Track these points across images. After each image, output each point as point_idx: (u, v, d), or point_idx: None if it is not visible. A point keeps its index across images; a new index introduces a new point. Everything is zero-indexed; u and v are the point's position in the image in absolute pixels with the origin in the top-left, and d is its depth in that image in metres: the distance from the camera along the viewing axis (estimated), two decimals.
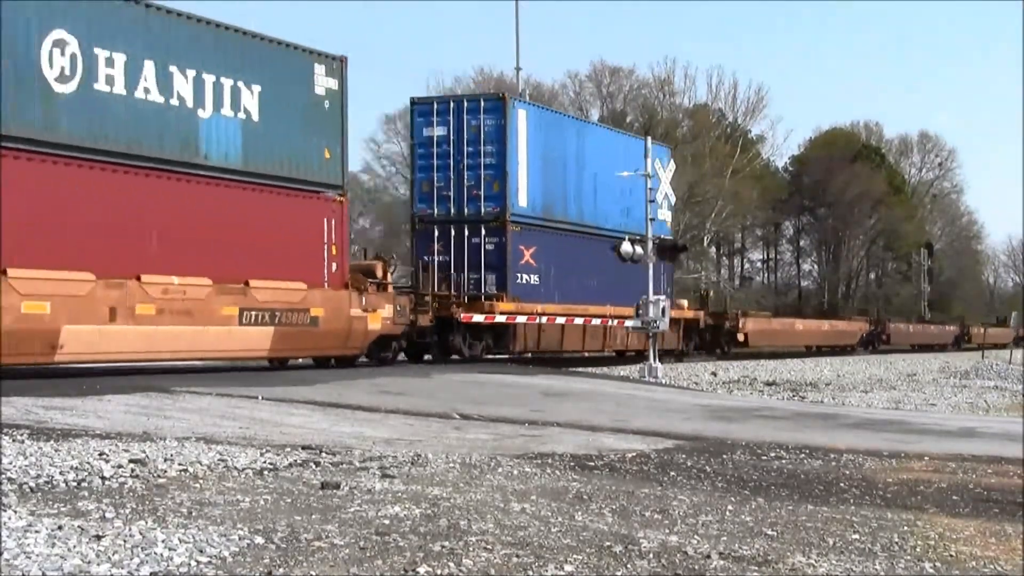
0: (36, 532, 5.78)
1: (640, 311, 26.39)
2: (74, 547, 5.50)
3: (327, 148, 21.82)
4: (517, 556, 5.81)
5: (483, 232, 26.75)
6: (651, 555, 6.01)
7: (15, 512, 6.31)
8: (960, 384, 30.70)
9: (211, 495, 7.21)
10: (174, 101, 18.98)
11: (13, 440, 9.44)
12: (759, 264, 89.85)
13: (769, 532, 6.83)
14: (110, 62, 17.93)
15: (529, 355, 27.80)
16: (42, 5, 17.02)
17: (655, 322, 26.22)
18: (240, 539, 5.86)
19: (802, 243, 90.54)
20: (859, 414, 17.94)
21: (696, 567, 5.80)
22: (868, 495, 8.59)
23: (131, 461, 8.43)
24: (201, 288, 19.13)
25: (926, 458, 11.04)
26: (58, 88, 17.13)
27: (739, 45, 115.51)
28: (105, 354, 18.17)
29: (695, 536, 6.58)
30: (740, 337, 40.12)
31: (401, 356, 24.99)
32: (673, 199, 34.63)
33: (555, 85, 75.10)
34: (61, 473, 7.74)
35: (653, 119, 74.17)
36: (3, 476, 7.53)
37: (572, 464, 9.64)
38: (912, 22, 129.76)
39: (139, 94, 18.41)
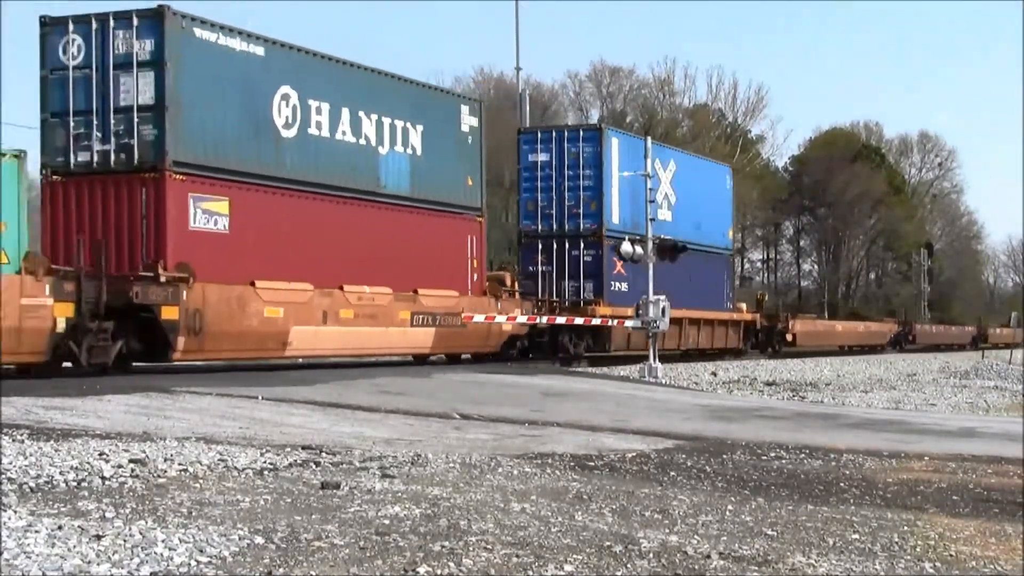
0: (36, 532, 5.78)
1: (640, 311, 26.41)
2: (74, 547, 5.50)
3: (469, 177, 26.32)
4: (517, 556, 5.81)
5: (581, 245, 30.41)
6: (651, 555, 6.01)
7: (15, 512, 6.32)
8: (960, 384, 30.69)
9: (211, 495, 7.21)
10: (362, 141, 23.28)
11: (13, 440, 9.44)
12: (759, 264, 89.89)
13: (769, 532, 6.83)
14: (319, 110, 22.21)
15: (621, 353, 30.72)
16: (274, 65, 21.32)
17: (655, 322, 26.24)
18: (240, 539, 5.86)
19: (802, 243, 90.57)
20: (859, 414, 17.94)
21: (696, 567, 5.80)
22: (868, 495, 8.59)
23: (131, 461, 8.43)
24: (384, 296, 23.23)
25: (926, 458, 11.04)
26: (284, 133, 21.43)
27: (739, 45, 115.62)
28: (319, 351, 22.90)
29: (695, 536, 6.58)
30: (789, 337, 43.46)
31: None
32: (673, 199, 34.67)
33: (555, 85, 75.24)
34: (61, 473, 7.75)
35: (653, 119, 74.21)
36: (3, 476, 7.53)
37: (572, 464, 9.64)
38: (912, 22, 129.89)
39: (338, 136, 22.75)
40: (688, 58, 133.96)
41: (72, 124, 19.58)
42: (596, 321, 28.63)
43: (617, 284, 30.92)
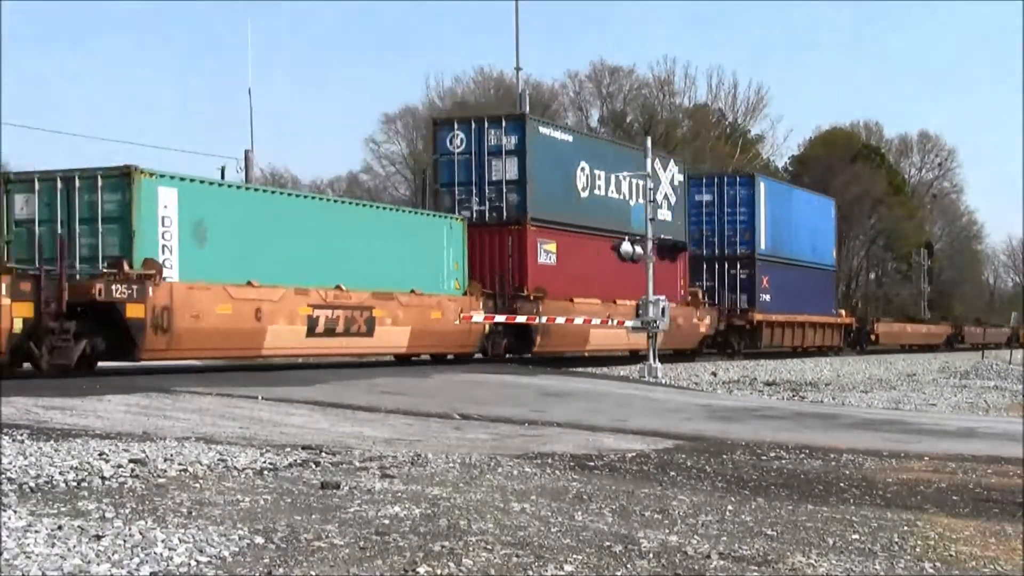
0: (36, 532, 5.78)
1: (640, 311, 26.42)
2: (74, 547, 5.50)
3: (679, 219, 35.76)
4: (517, 556, 5.81)
5: (738, 266, 40.28)
6: (651, 555, 6.01)
7: (15, 512, 6.31)
8: (960, 384, 30.69)
9: (211, 495, 7.21)
10: (619, 196, 31.92)
11: (13, 440, 9.44)
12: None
13: (769, 532, 6.83)
14: (598, 176, 31.06)
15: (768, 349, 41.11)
16: (577, 147, 30.81)
17: (655, 322, 26.24)
18: (240, 539, 5.86)
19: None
20: (859, 414, 17.93)
21: (696, 567, 5.80)
22: (868, 495, 8.59)
23: (131, 461, 8.43)
24: (625, 306, 29.65)
25: (926, 458, 11.04)
26: (582, 195, 30.44)
27: (739, 45, 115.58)
28: (607, 346, 31.39)
29: (695, 536, 6.58)
30: (873, 336, 54.17)
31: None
32: (673, 199, 34.80)
33: (555, 85, 75.18)
34: (61, 473, 7.74)
35: (653, 119, 74.19)
36: (3, 476, 7.53)
37: (572, 464, 9.64)
38: (912, 22, 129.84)
39: (611, 194, 31.71)
40: (688, 58, 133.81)
41: (457, 192, 28.43)
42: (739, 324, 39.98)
43: (763, 296, 40.65)
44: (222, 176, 32.03)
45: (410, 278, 24.80)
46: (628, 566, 5.74)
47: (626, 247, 26.99)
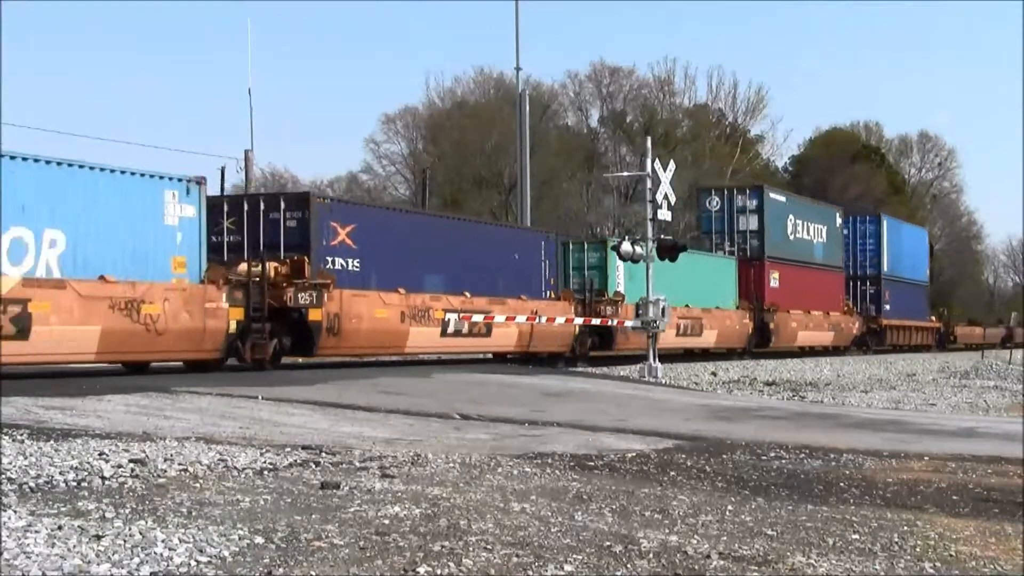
0: (36, 532, 5.78)
1: (640, 311, 26.41)
2: (74, 547, 5.50)
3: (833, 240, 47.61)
4: (517, 556, 5.81)
5: (868, 283, 52.09)
6: (651, 555, 6.01)
7: (15, 512, 6.31)
8: (960, 384, 30.68)
9: (211, 495, 7.21)
10: (809, 238, 44.29)
11: (13, 440, 9.44)
12: None
13: (769, 532, 6.83)
14: (799, 224, 43.99)
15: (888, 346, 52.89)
16: (788, 205, 42.90)
17: (655, 322, 26.23)
18: (240, 539, 5.86)
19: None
20: (859, 414, 17.93)
21: (696, 567, 5.80)
22: (868, 495, 8.59)
23: (131, 461, 8.43)
24: (820, 317, 43.31)
25: (926, 458, 11.04)
26: (790, 238, 42.47)
27: (739, 45, 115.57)
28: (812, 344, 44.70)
29: (695, 536, 6.58)
30: (952, 337, 65.55)
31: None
32: (673, 199, 34.82)
33: (555, 85, 75.17)
34: (61, 473, 7.74)
35: (653, 119, 74.17)
36: (3, 476, 7.53)
37: (572, 464, 9.64)
38: (912, 22, 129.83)
39: (805, 236, 44.60)
40: (688, 58, 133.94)
41: (713, 237, 41.83)
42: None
43: (886, 306, 52.65)
44: (222, 177, 32.16)
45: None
46: (628, 566, 5.75)
47: (626, 247, 26.96)
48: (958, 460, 10.91)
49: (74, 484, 7.41)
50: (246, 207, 22.86)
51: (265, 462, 8.85)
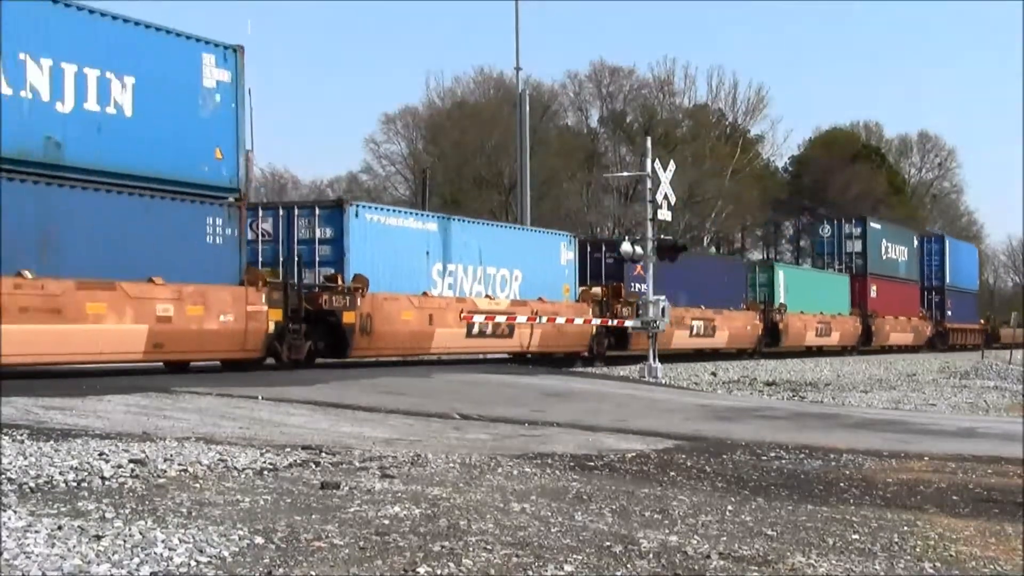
0: (36, 532, 5.77)
1: (640, 311, 26.42)
2: (74, 547, 5.50)
3: None
4: (517, 556, 5.81)
5: (934, 292, 60.89)
6: (651, 555, 6.01)
7: (15, 512, 6.31)
8: (960, 384, 30.68)
9: (211, 495, 7.21)
10: (896, 257, 56.86)
11: (13, 440, 9.43)
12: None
13: (769, 532, 6.83)
14: (891, 247, 54.80)
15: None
16: (882, 232, 52.50)
17: (655, 322, 26.24)
18: (240, 539, 5.86)
19: (802, 243, 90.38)
20: (859, 414, 17.93)
21: (696, 567, 5.80)
22: (868, 495, 8.59)
23: (131, 461, 8.42)
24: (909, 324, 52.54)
25: (926, 458, 11.04)
26: (883, 258, 52.73)
27: (739, 45, 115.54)
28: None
29: (695, 536, 6.58)
30: (996, 338, 69.86)
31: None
32: (673, 199, 34.85)
33: (555, 85, 75.16)
34: (61, 473, 7.74)
35: (653, 119, 74.17)
36: (3, 476, 7.53)
37: (572, 464, 9.64)
38: (912, 22, 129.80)
39: (893, 257, 56.97)
40: (688, 58, 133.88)
41: (825, 258, 51.85)
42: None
43: (948, 312, 61.17)
44: None
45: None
46: (628, 566, 5.75)
47: (626, 247, 27.01)
48: (958, 460, 10.91)
49: (74, 484, 7.40)
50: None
51: (265, 462, 8.84)
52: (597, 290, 32.59)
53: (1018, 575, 6.11)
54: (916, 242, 60.07)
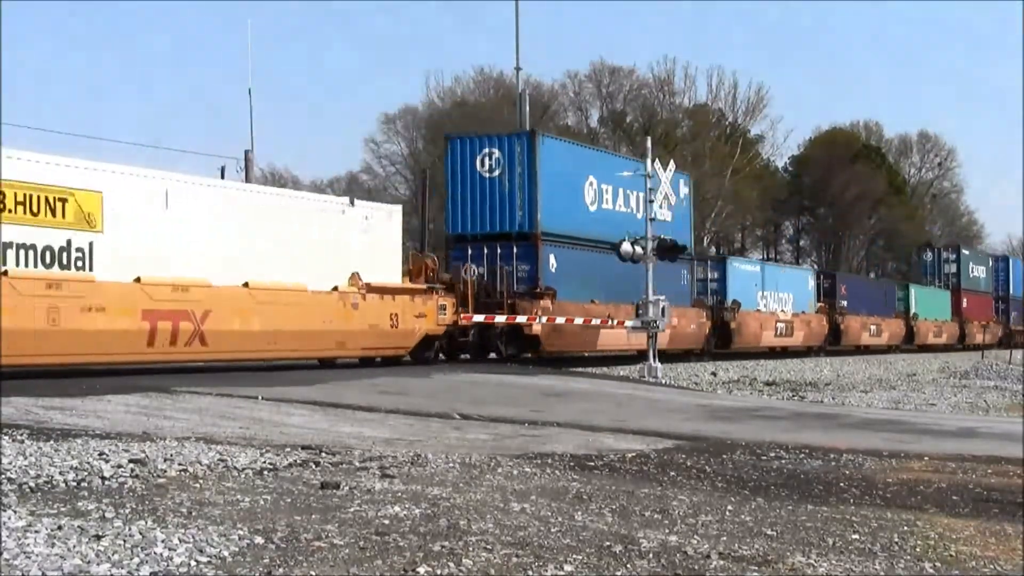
0: (36, 532, 5.77)
1: (640, 311, 26.43)
2: (74, 547, 5.50)
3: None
4: (517, 556, 5.81)
5: (1000, 301, 70.87)
6: (651, 555, 6.01)
7: (15, 512, 6.31)
8: (960, 384, 30.69)
9: (211, 495, 7.21)
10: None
11: (13, 440, 9.44)
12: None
13: (769, 532, 6.83)
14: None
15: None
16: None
17: (655, 322, 26.24)
18: (240, 539, 5.86)
19: (802, 243, 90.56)
20: (859, 414, 17.93)
21: (696, 567, 5.80)
22: (868, 495, 8.59)
23: (131, 461, 8.42)
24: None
25: (926, 458, 11.04)
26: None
27: (739, 45, 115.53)
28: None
29: (695, 536, 6.58)
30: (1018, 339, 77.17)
31: None
32: (673, 199, 34.91)
33: (555, 85, 75.14)
34: (61, 473, 7.74)
35: (653, 119, 74.17)
36: (3, 476, 7.53)
37: (572, 464, 9.64)
38: (912, 22, 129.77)
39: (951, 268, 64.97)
40: (688, 58, 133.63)
41: (928, 277, 65.53)
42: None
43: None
44: (222, 176, 32.33)
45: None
46: (628, 566, 5.75)
47: (626, 247, 27.00)
48: (958, 460, 10.91)
49: (74, 484, 7.40)
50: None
51: (265, 462, 8.85)
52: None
53: (1018, 575, 6.11)
54: (991, 262, 72.84)
